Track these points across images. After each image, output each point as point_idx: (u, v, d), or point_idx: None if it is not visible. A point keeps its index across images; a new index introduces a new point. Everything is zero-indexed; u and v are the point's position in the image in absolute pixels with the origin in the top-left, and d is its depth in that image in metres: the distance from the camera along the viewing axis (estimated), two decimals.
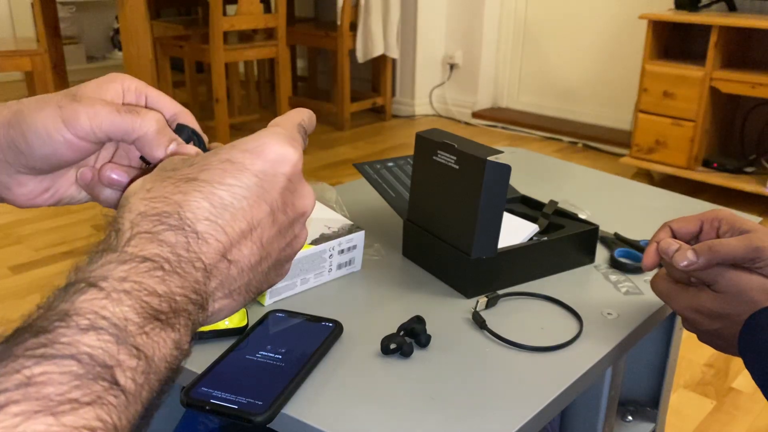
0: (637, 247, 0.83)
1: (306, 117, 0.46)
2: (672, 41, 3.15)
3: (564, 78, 4.09)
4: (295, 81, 4.60)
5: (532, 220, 0.83)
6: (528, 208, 0.88)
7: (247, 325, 0.64)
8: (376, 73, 4.31)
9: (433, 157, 0.75)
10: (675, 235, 0.66)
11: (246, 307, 0.66)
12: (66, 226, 2.64)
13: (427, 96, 4.41)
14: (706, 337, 0.64)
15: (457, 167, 0.71)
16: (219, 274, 0.37)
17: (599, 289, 0.76)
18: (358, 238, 0.76)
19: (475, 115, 4.30)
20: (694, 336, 0.66)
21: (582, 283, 0.77)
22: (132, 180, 0.45)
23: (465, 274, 0.72)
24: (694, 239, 0.66)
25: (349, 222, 0.78)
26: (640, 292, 0.75)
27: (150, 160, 0.45)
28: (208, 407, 0.52)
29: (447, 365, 0.60)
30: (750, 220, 0.64)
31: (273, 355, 0.59)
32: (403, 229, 0.82)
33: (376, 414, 0.54)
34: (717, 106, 3.02)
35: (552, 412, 0.57)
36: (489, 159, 0.68)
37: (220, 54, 3.25)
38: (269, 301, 0.70)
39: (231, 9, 3.42)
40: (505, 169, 0.69)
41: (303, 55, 4.89)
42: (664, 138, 3.07)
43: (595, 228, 0.81)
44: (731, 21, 2.83)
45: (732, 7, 3.09)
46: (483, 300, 0.70)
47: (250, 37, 3.68)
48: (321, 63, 4.74)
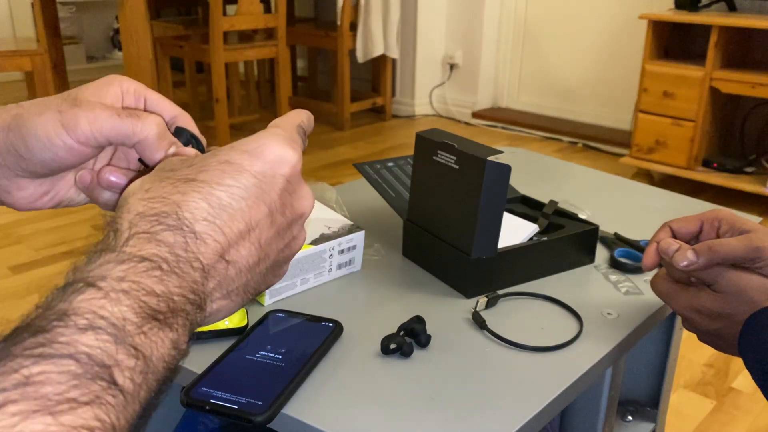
0: (637, 247, 0.83)
1: (305, 118, 0.46)
2: (672, 41, 3.15)
3: (564, 78, 4.09)
4: (295, 81, 4.60)
5: (532, 220, 0.83)
6: (528, 208, 0.88)
7: (247, 325, 0.64)
8: (376, 73, 4.31)
9: (433, 157, 0.75)
10: (675, 235, 0.66)
11: (246, 307, 0.66)
12: (66, 226, 2.64)
13: (427, 96, 4.41)
14: (706, 337, 0.64)
15: (457, 167, 0.71)
16: (217, 274, 0.37)
17: (599, 289, 0.76)
18: (358, 238, 0.76)
19: (475, 115, 4.30)
20: (694, 336, 0.66)
21: (582, 283, 0.77)
22: (130, 181, 0.45)
23: (465, 274, 0.72)
24: (694, 239, 0.66)
25: (349, 222, 0.78)
26: (640, 292, 0.75)
27: (149, 163, 0.45)
28: (208, 407, 0.52)
29: (447, 365, 0.60)
30: (750, 220, 0.64)
31: (273, 355, 0.59)
32: (403, 229, 0.82)
33: (376, 414, 0.54)
34: (717, 106, 3.02)
35: (552, 412, 0.57)
36: (489, 159, 0.68)
37: (220, 54, 3.25)
38: (269, 301, 0.70)
39: (231, 9, 3.42)
40: (505, 169, 0.69)
41: (303, 55, 4.89)
42: (664, 138, 3.07)
43: (595, 228, 0.81)
44: (731, 21, 2.83)
45: (732, 7, 3.09)
46: (483, 300, 0.70)
47: (250, 37, 3.68)
48: (321, 63, 4.74)
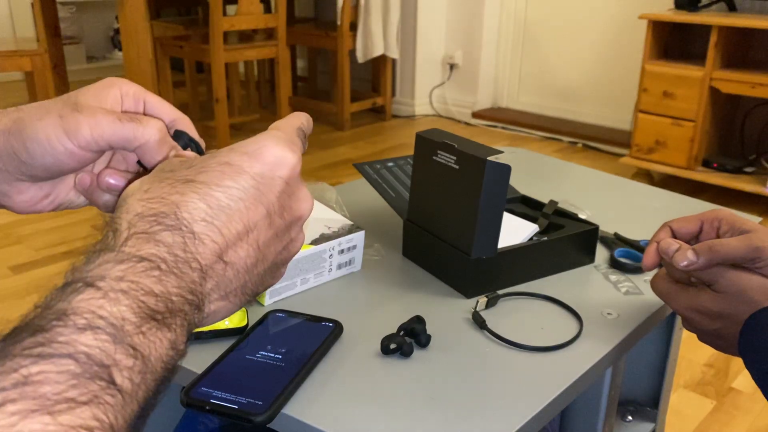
0: (637, 247, 0.83)
1: (305, 121, 0.46)
2: (672, 41, 3.15)
3: (564, 78, 4.09)
4: (295, 81, 4.60)
5: (532, 220, 0.83)
6: (528, 208, 0.88)
7: (247, 325, 0.64)
8: (376, 73, 4.31)
9: (433, 157, 0.74)
10: (675, 235, 0.66)
11: (246, 307, 0.66)
12: (66, 226, 2.64)
13: (427, 96, 4.41)
14: (706, 337, 0.64)
15: (457, 167, 0.71)
16: (215, 275, 0.37)
17: (599, 289, 0.76)
18: (358, 238, 0.76)
19: (475, 115, 4.30)
20: (694, 336, 0.66)
21: (582, 283, 0.77)
22: (129, 183, 0.45)
23: (465, 274, 0.72)
24: (694, 239, 0.66)
25: (349, 222, 0.78)
26: (640, 292, 0.75)
27: (147, 166, 0.45)
28: (208, 407, 0.52)
29: (447, 365, 0.60)
30: (750, 220, 0.64)
31: (273, 355, 0.59)
32: (403, 229, 0.82)
33: (376, 414, 0.54)
34: (717, 106, 3.02)
35: (552, 412, 0.57)
36: (489, 159, 0.68)
37: (220, 54, 3.25)
38: (269, 301, 0.70)
39: (231, 9, 3.42)
40: (505, 169, 0.69)
41: (303, 55, 4.89)
42: (664, 138, 3.07)
43: (595, 228, 0.81)
44: (731, 21, 2.83)
45: (732, 7, 3.09)
46: (483, 300, 0.69)
47: (250, 37, 3.68)
48: (321, 63, 4.74)
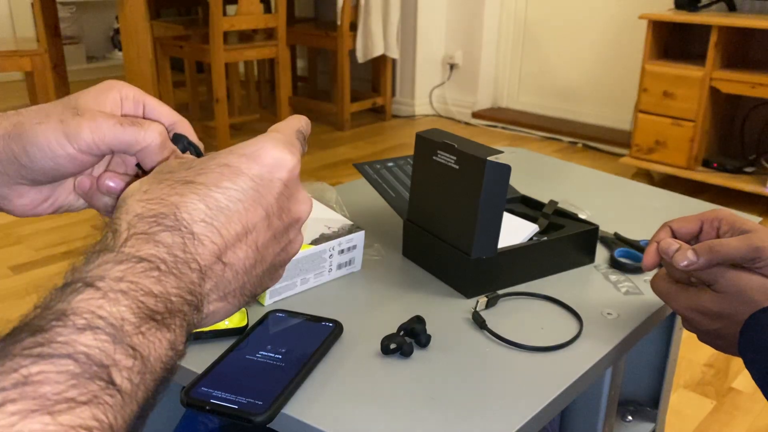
0: (637, 247, 0.83)
1: (304, 123, 0.46)
2: (672, 41, 3.15)
3: (564, 78, 4.09)
4: (295, 81, 4.60)
5: (532, 220, 0.83)
6: (528, 208, 0.88)
7: (247, 325, 0.64)
8: (376, 73, 4.31)
9: (433, 157, 0.74)
10: (675, 235, 0.66)
11: (246, 307, 0.66)
12: (66, 226, 2.64)
13: (427, 96, 4.41)
14: (706, 337, 0.64)
15: (457, 167, 0.71)
16: (214, 275, 0.37)
17: (599, 289, 0.76)
18: (358, 238, 0.76)
19: (475, 115, 4.30)
20: (694, 336, 0.66)
21: (582, 283, 0.77)
22: (127, 185, 0.45)
23: (465, 274, 0.72)
24: (694, 239, 0.66)
25: (349, 222, 0.78)
26: (640, 292, 0.75)
27: (146, 169, 0.45)
28: (208, 407, 0.52)
29: (447, 365, 0.60)
30: (750, 220, 0.64)
31: (273, 355, 0.59)
32: (403, 229, 0.82)
33: (376, 414, 0.54)
34: (717, 106, 3.02)
35: (552, 412, 0.57)
36: (489, 159, 0.68)
37: (220, 54, 3.25)
38: (269, 301, 0.70)
39: (231, 9, 3.42)
40: (505, 169, 0.69)
41: (303, 55, 4.89)
42: (663, 138, 3.07)
43: (595, 228, 0.81)
44: (731, 21, 2.83)
45: (732, 7, 3.09)
46: (483, 300, 0.69)
47: (250, 37, 3.68)
48: (321, 63, 4.74)
